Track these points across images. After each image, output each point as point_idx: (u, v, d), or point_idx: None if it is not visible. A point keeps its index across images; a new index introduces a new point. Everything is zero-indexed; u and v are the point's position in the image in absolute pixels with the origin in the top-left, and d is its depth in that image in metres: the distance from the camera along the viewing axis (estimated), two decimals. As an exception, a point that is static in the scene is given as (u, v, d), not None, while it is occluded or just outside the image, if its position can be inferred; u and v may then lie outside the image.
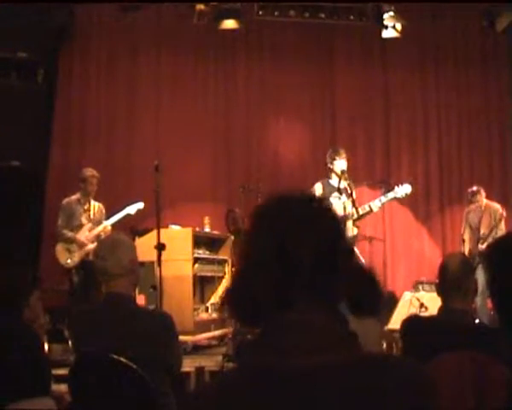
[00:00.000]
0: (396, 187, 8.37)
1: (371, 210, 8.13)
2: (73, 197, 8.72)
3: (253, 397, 1.44)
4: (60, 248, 8.54)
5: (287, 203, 1.60)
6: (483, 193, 9.74)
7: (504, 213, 9.52)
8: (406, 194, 8.38)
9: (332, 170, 8.30)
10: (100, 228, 8.60)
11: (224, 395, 1.48)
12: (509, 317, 1.75)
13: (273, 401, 1.43)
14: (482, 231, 9.45)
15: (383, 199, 8.22)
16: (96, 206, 8.77)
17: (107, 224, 8.65)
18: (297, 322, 1.50)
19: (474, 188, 9.79)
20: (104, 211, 8.83)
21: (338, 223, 1.61)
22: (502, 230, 9.36)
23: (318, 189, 8.48)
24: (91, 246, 8.34)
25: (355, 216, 7.90)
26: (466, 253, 9.29)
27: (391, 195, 8.26)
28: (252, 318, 1.58)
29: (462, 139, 11.59)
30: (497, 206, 9.69)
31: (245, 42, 11.21)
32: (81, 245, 8.49)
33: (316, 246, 1.52)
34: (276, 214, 1.58)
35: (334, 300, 1.56)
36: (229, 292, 1.60)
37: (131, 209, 8.81)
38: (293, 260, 1.50)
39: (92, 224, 8.65)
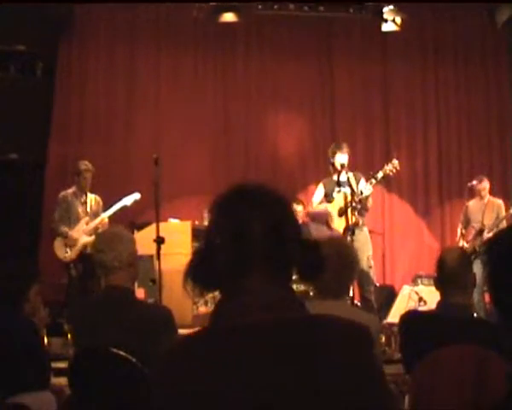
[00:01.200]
0: (385, 165, 8.43)
1: (365, 196, 8.15)
2: (69, 191, 8.67)
3: (217, 353, 1.66)
4: (57, 243, 8.52)
5: (242, 191, 1.85)
6: (487, 185, 9.66)
7: (511, 211, 9.47)
8: (395, 167, 8.41)
9: (333, 164, 8.34)
10: (97, 221, 8.57)
11: (192, 351, 1.70)
12: (508, 311, 1.75)
13: (235, 354, 1.65)
14: (486, 225, 9.39)
15: (373, 181, 8.25)
16: (92, 198, 8.73)
17: (105, 216, 8.62)
18: (251, 288, 1.73)
19: (483, 181, 9.68)
20: (101, 203, 8.79)
21: (286, 206, 1.84)
22: (503, 225, 9.33)
23: (320, 189, 8.58)
24: (89, 239, 8.33)
25: (353, 204, 7.91)
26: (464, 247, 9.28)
27: (380, 174, 8.31)
28: (211, 285, 1.86)
29: (462, 133, 11.56)
30: (499, 201, 9.65)
31: (244, 35, 11.17)
32: (74, 241, 8.47)
33: (265, 226, 1.75)
34: (232, 201, 1.83)
35: (284, 269, 1.79)
36: (192, 263, 1.85)
37: (128, 200, 8.75)
38: (246, 238, 1.74)
39: (89, 217, 8.62)
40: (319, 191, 8.59)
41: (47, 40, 10.06)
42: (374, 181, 8.24)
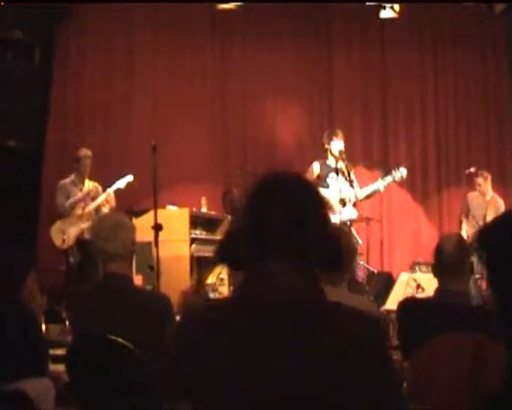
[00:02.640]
0: (393, 171, 8.41)
1: (378, 191, 8.21)
2: (68, 179, 8.70)
3: (236, 324, 1.75)
4: (54, 231, 8.53)
5: (271, 181, 1.90)
6: (489, 179, 9.68)
7: None
8: (402, 177, 8.42)
9: (329, 151, 8.32)
10: (91, 206, 8.58)
11: (210, 322, 1.79)
12: (507, 298, 1.75)
13: (252, 329, 1.73)
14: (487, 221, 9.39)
15: (387, 179, 8.28)
16: (90, 185, 8.75)
17: (99, 201, 8.61)
18: (271, 273, 1.77)
19: (485, 173, 9.71)
20: (100, 189, 8.80)
21: (311, 195, 1.89)
22: None
23: (316, 167, 8.50)
24: (85, 225, 8.35)
25: (353, 199, 7.92)
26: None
27: (388, 179, 8.31)
28: (237, 265, 1.91)
29: (460, 120, 11.56)
30: (501, 201, 9.66)
31: (242, 21, 11.14)
32: (77, 219, 8.50)
33: (287, 214, 1.80)
34: (261, 190, 1.89)
35: (305, 257, 1.81)
36: (220, 244, 1.92)
37: (121, 183, 8.73)
38: (268, 226, 1.80)
39: (85, 202, 8.63)
40: (314, 169, 8.52)
41: (45, 27, 10.02)
42: (387, 180, 8.27)
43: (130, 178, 8.75)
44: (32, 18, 9.53)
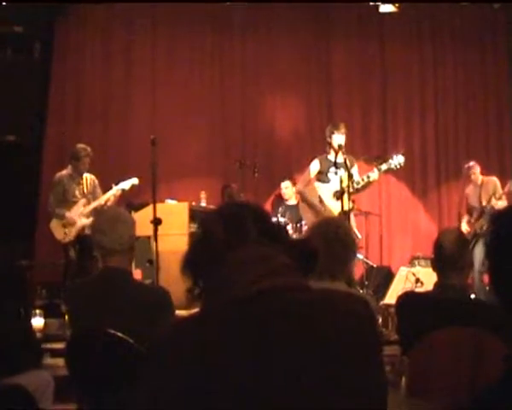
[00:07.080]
0: (390, 159, 8.35)
1: (370, 181, 8.12)
2: (64, 172, 8.62)
3: (230, 327, 1.65)
4: (55, 224, 8.50)
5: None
6: (478, 168, 9.73)
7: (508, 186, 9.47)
8: (400, 164, 8.33)
9: (330, 144, 8.28)
10: (95, 204, 8.56)
11: (197, 328, 1.69)
12: (507, 292, 1.74)
13: (246, 329, 1.63)
14: (484, 204, 9.42)
15: (382, 168, 8.20)
16: (88, 178, 8.72)
17: (102, 200, 8.59)
18: (248, 256, 1.73)
19: (470, 163, 9.79)
20: (97, 182, 8.77)
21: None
22: (502, 199, 9.34)
23: (315, 165, 8.47)
24: (87, 221, 8.33)
25: (351, 190, 7.87)
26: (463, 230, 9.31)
27: (384, 166, 8.24)
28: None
29: (459, 114, 11.57)
30: (493, 179, 9.68)
31: (241, 14, 11.12)
32: (72, 223, 8.45)
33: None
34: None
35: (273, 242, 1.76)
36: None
37: (126, 185, 8.74)
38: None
39: (86, 198, 8.61)
40: (314, 167, 8.49)
41: (44, 22, 10.02)
42: (377, 172, 8.20)
43: (135, 180, 8.75)
44: (31, 13, 9.52)
